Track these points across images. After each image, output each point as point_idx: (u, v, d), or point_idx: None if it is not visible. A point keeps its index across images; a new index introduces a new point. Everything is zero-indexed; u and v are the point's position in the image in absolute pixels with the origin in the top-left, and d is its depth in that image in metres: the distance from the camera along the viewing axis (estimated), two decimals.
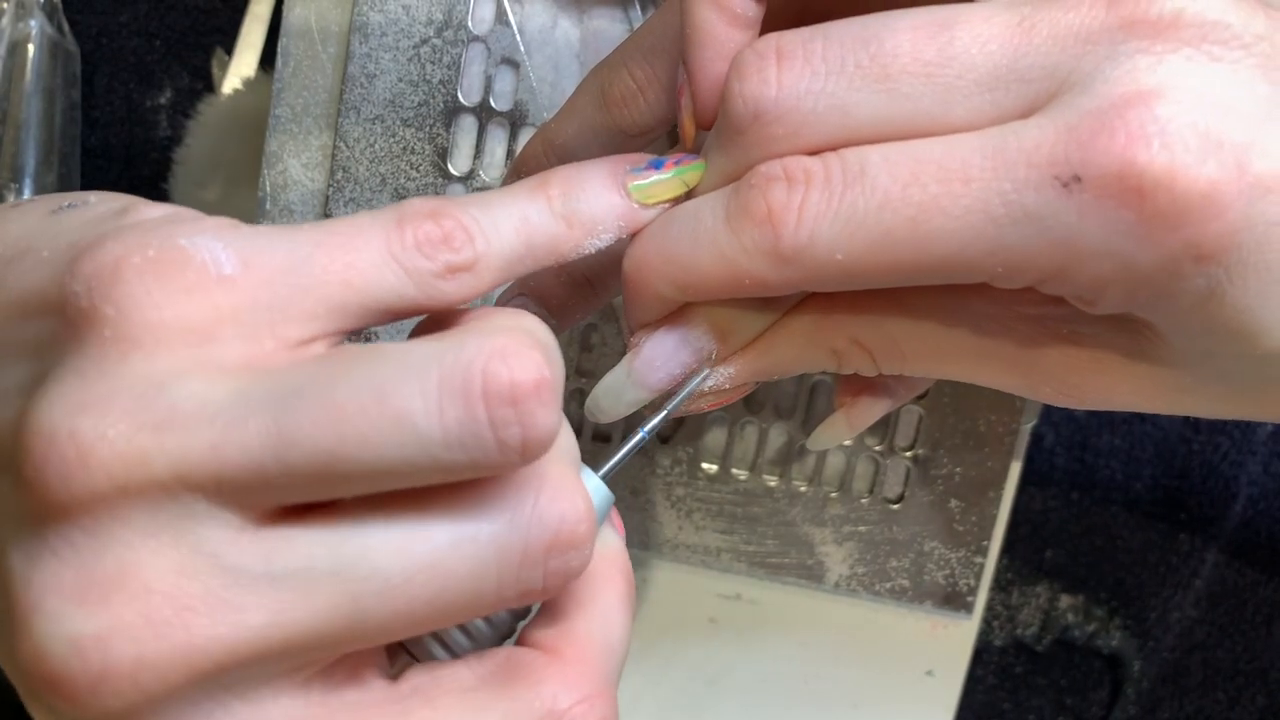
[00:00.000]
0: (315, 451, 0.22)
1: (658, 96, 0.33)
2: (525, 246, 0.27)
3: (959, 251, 0.25)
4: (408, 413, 0.22)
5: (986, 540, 0.41)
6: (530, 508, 0.24)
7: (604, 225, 0.29)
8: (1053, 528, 0.48)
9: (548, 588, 0.24)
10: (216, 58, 0.47)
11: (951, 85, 0.25)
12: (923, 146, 0.25)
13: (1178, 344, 0.27)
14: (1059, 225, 0.24)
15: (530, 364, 0.23)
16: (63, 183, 0.47)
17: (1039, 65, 0.25)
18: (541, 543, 0.24)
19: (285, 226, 0.25)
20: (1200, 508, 0.47)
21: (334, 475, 0.22)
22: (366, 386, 0.22)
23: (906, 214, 0.25)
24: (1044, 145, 0.24)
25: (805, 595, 0.42)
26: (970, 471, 0.41)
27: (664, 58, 0.33)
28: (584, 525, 0.24)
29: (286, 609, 0.22)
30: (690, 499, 0.41)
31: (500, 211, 0.27)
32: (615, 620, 0.27)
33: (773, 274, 0.26)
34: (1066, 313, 0.28)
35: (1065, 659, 0.49)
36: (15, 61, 0.46)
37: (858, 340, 0.30)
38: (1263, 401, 0.29)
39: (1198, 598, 0.48)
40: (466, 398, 0.22)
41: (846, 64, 0.26)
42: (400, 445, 0.22)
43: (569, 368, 0.40)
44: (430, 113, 0.38)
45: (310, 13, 0.38)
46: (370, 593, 0.22)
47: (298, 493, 0.23)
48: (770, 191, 0.26)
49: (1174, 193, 0.23)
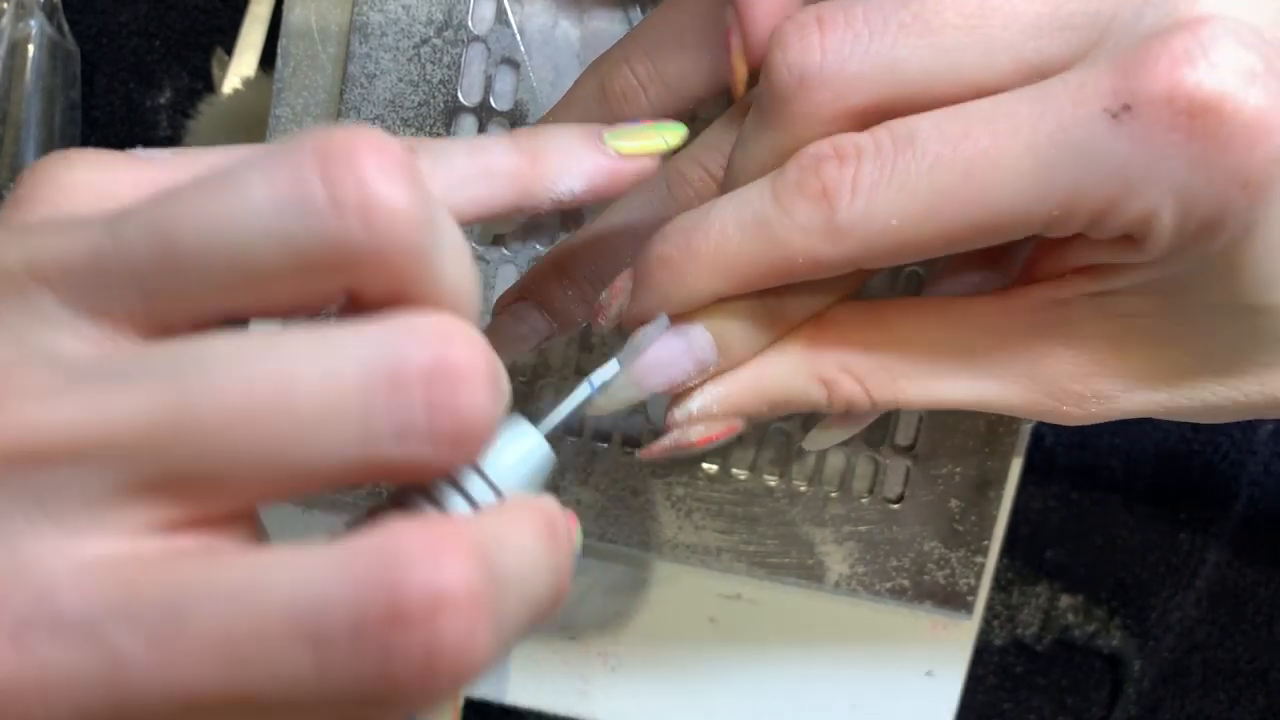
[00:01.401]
0: (156, 243, 0.20)
1: (659, 93, 0.33)
2: (481, 171, 0.26)
3: (1013, 201, 0.25)
4: (251, 201, 0.20)
5: (986, 540, 0.41)
6: (406, 328, 0.20)
7: (573, 166, 0.28)
8: (1053, 528, 0.48)
9: (435, 430, 0.20)
10: (216, 58, 0.47)
11: (995, 36, 0.26)
12: (970, 106, 0.26)
13: (1193, 300, 0.27)
14: (1110, 156, 0.24)
15: None
16: None
17: (1082, 11, 0.25)
18: (417, 365, 0.20)
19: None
20: (1200, 508, 0.47)
21: (173, 263, 0.20)
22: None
23: (959, 169, 0.25)
24: (1089, 82, 0.25)
25: (805, 595, 0.42)
26: (970, 471, 0.41)
27: (666, 54, 0.33)
28: (476, 360, 0.20)
29: (107, 403, 0.19)
30: (690, 499, 0.41)
31: (454, 142, 0.27)
32: (527, 550, 0.22)
33: (828, 250, 0.26)
34: (1067, 315, 0.28)
35: (1065, 659, 0.49)
36: (15, 61, 0.46)
37: (848, 369, 0.29)
38: (1252, 380, 0.29)
39: (1198, 597, 0.48)
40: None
41: (890, 23, 0.26)
42: (241, 231, 0.20)
43: (569, 368, 0.40)
44: (430, 113, 0.38)
45: (310, 13, 0.38)
46: (201, 392, 0.19)
47: (140, 298, 0.21)
48: (823, 169, 0.26)
49: (1222, 115, 0.24)
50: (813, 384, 0.29)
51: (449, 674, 0.19)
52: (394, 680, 0.18)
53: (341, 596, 0.18)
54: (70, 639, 0.19)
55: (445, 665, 0.18)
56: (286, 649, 0.18)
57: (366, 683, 0.18)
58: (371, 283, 0.21)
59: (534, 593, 0.22)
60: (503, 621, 0.20)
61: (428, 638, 0.18)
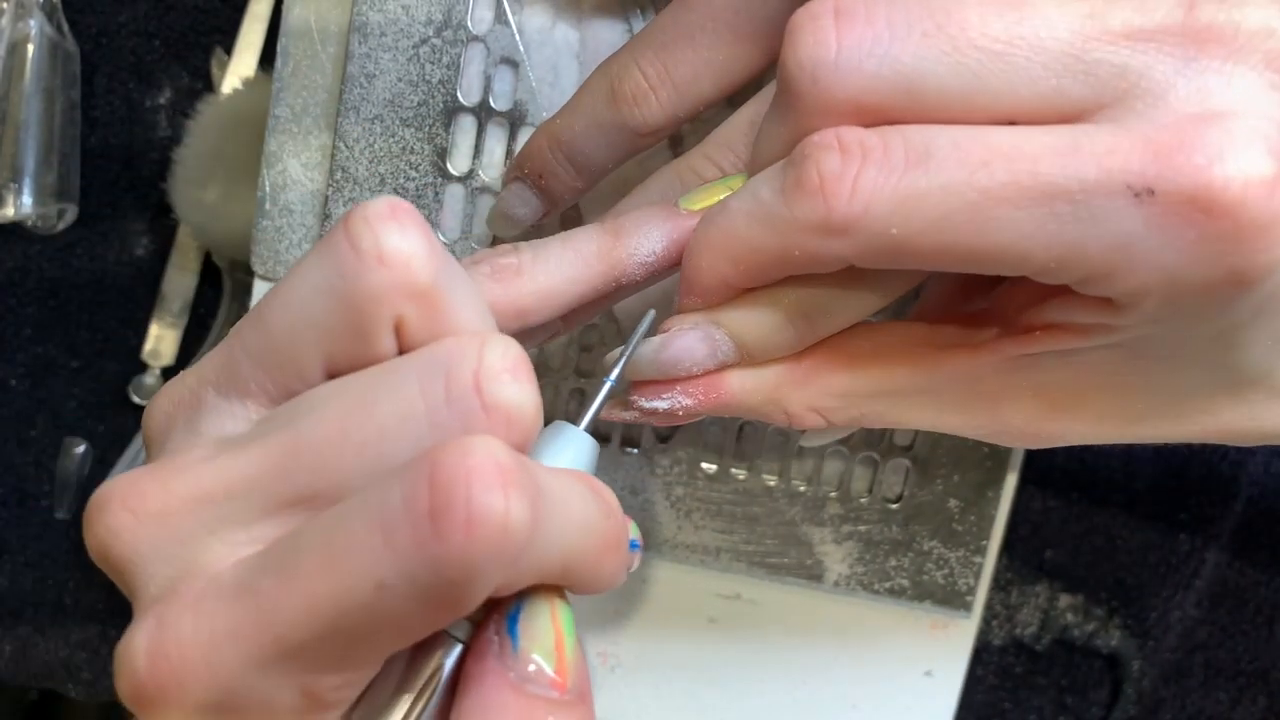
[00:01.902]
0: (257, 331, 0.26)
1: (669, 95, 0.33)
2: (574, 253, 0.30)
3: (1016, 242, 0.25)
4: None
5: (986, 540, 0.41)
6: (452, 341, 0.25)
7: (653, 231, 0.30)
8: (1053, 528, 0.48)
9: (490, 414, 0.24)
10: (216, 58, 0.47)
11: (1019, 65, 0.25)
12: (993, 133, 0.25)
13: (1153, 354, 0.28)
14: (1121, 231, 0.24)
15: None
16: (62, 182, 0.47)
17: (1109, 62, 0.25)
18: (466, 368, 0.24)
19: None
20: (1200, 508, 0.47)
21: (269, 341, 0.26)
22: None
23: (970, 198, 0.25)
24: (1118, 152, 0.24)
25: (805, 595, 0.42)
26: (970, 471, 0.41)
27: (676, 56, 0.33)
28: (512, 356, 0.24)
29: (247, 456, 0.25)
30: (689, 499, 0.41)
31: (551, 238, 0.31)
32: (566, 483, 0.26)
33: (823, 247, 0.26)
34: (1033, 365, 0.29)
35: (1065, 659, 0.49)
36: (15, 61, 0.46)
37: (814, 406, 0.31)
38: (1193, 422, 0.30)
39: (1198, 598, 0.48)
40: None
41: (913, 29, 0.25)
42: (305, 297, 0.26)
43: (569, 368, 0.40)
44: (429, 113, 0.38)
45: (310, 13, 0.38)
46: (309, 427, 0.25)
47: (264, 374, 0.26)
48: (823, 161, 0.26)
49: (1240, 220, 0.24)
50: (777, 413, 0.31)
51: (491, 536, 0.22)
52: (447, 543, 0.22)
53: (397, 492, 0.23)
54: (227, 594, 0.24)
55: (484, 527, 0.22)
56: (365, 542, 0.23)
57: (428, 549, 0.22)
58: (408, 313, 0.25)
59: (574, 516, 0.25)
60: (537, 507, 0.23)
61: (464, 501, 0.22)
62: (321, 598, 0.23)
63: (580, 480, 0.26)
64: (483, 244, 0.39)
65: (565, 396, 0.40)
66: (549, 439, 0.28)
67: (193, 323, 0.49)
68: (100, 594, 0.50)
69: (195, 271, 0.49)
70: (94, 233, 0.48)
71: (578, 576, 0.26)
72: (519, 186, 0.36)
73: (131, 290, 0.49)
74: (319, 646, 0.24)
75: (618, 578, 0.27)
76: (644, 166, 0.37)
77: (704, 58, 0.33)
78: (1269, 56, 0.25)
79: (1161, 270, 0.25)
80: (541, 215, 0.36)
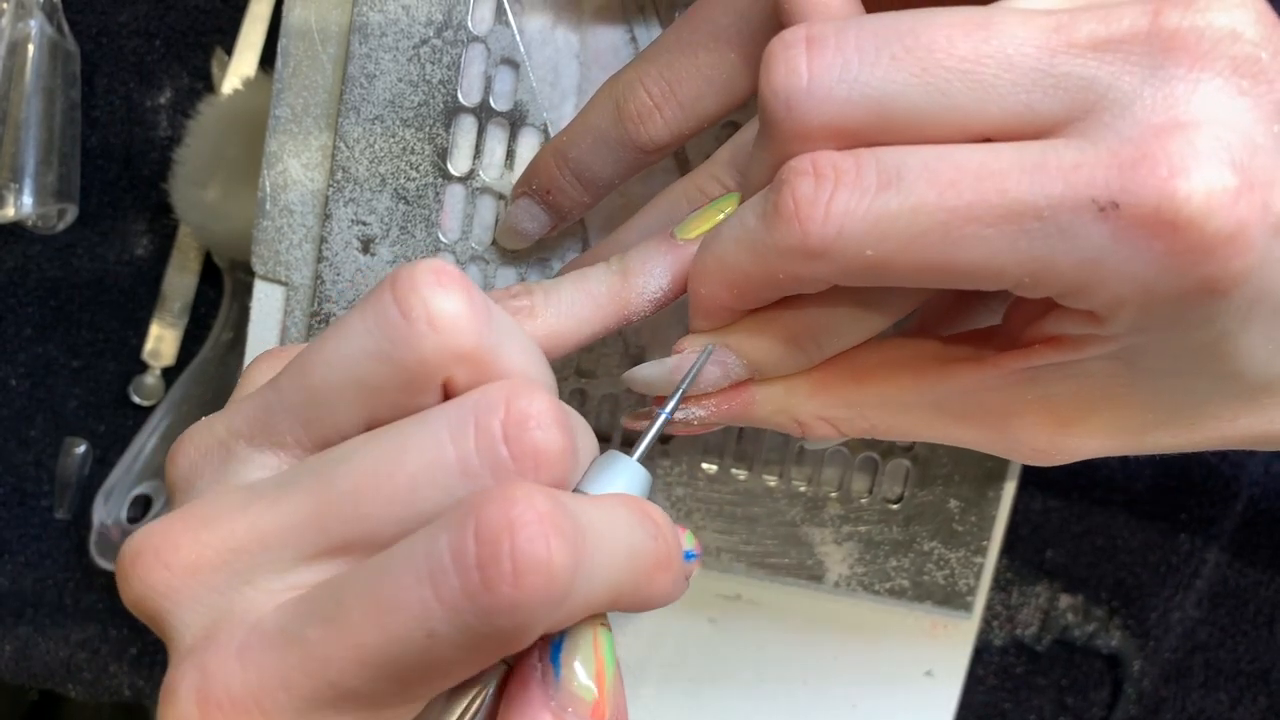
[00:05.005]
0: (298, 385, 0.26)
1: (674, 113, 0.34)
2: (585, 295, 0.31)
3: (989, 259, 0.25)
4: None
5: (986, 540, 0.41)
6: (480, 393, 0.25)
7: (655, 268, 0.31)
8: (1053, 528, 0.48)
9: (518, 460, 0.25)
10: (216, 58, 0.47)
11: (988, 83, 0.25)
12: (961, 153, 0.25)
13: (1155, 366, 0.28)
14: (1090, 245, 0.25)
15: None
16: (62, 182, 0.47)
17: (1076, 75, 0.25)
18: (495, 416, 0.25)
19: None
20: (1200, 508, 0.47)
21: (311, 395, 0.26)
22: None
23: (940, 219, 0.25)
24: (1083, 166, 0.24)
25: (805, 595, 0.42)
26: (970, 471, 0.41)
27: (680, 74, 0.33)
28: (537, 404, 0.25)
29: (279, 506, 0.26)
30: (690, 499, 0.41)
31: (562, 279, 0.32)
32: (612, 511, 0.27)
33: (803, 269, 0.27)
34: (1036, 378, 0.29)
35: (1065, 659, 0.49)
36: (15, 61, 0.46)
37: (825, 417, 0.31)
38: (1209, 430, 0.31)
39: (1199, 598, 0.48)
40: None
41: (882, 54, 0.26)
42: (350, 357, 0.26)
43: (569, 368, 0.40)
44: (430, 113, 0.38)
45: (310, 13, 0.38)
46: (342, 476, 0.25)
47: (300, 426, 0.27)
48: (798, 186, 0.26)
49: (1205, 231, 0.24)
50: (790, 423, 0.32)
51: (538, 584, 0.23)
52: (495, 594, 0.23)
53: (444, 543, 0.23)
54: (274, 643, 0.25)
55: (530, 575, 0.23)
56: (414, 593, 0.23)
57: (478, 600, 0.23)
58: (457, 373, 0.25)
59: (620, 545, 0.25)
60: (579, 548, 0.23)
61: (508, 552, 0.22)
62: (371, 648, 0.24)
63: (624, 504, 0.27)
64: (483, 244, 0.39)
65: (565, 397, 0.40)
66: (600, 469, 0.28)
67: (193, 323, 0.49)
68: (100, 594, 0.50)
69: (195, 271, 0.49)
70: (94, 233, 0.48)
71: (629, 601, 0.26)
72: (527, 202, 0.36)
73: (132, 290, 0.49)
74: (371, 690, 0.24)
75: (674, 593, 0.28)
76: (648, 181, 0.37)
77: (707, 75, 0.33)
78: (1235, 62, 0.25)
79: (1133, 282, 0.25)
80: (549, 230, 0.37)
